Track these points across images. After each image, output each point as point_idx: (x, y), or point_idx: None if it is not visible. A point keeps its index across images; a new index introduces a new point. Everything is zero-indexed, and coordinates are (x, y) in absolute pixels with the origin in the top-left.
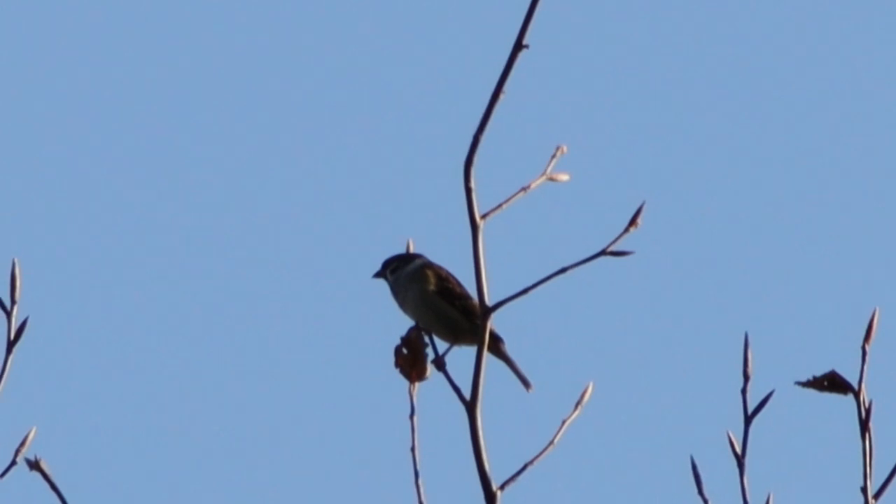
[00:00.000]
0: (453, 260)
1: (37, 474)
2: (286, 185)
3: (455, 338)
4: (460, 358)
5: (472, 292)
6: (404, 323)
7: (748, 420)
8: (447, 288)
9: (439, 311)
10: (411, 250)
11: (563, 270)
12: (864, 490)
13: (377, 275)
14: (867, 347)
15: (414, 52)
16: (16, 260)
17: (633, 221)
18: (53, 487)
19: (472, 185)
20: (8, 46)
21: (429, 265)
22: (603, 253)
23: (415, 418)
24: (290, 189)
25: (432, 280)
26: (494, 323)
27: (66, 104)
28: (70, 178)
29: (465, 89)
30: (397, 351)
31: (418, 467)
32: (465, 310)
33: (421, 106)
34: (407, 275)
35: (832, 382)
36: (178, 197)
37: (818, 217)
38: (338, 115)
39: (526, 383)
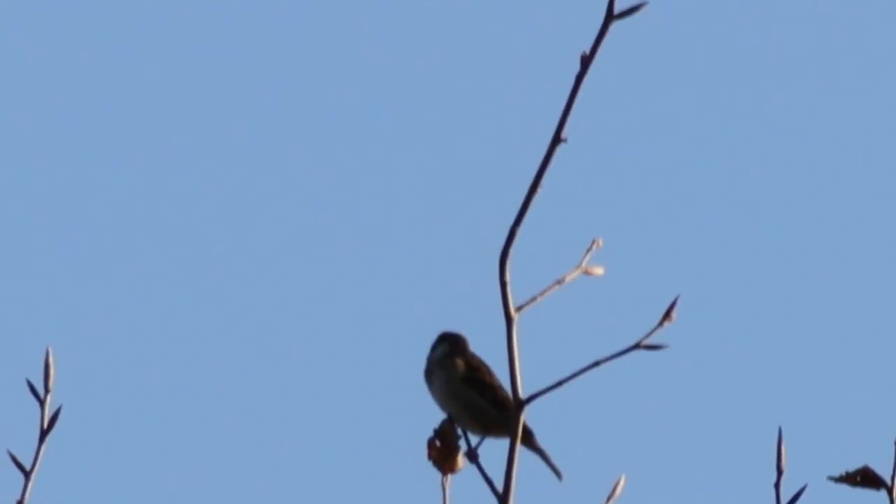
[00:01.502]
0: (487, 352)
1: None
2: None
3: (484, 429)
4: (493, 450)
5: (505, 384)
6: (438, 413)
7: None
8: (475, 377)
9: (466, 400)
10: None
11: (596, 364)
12: None
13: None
14: None
15: (453, 142)
16: (49, 348)
17: (667, 315)
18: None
19: (508, 278)
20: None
21: (460, 352)
22: (637, 346)
23: None
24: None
25: (460, 368)
26: (527, 415)
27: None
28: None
29: (502, 181)
30: (430, 443)
31: None
32: (495, 401)
33: (457, 197)
34: (434, 360)
35: (865, 477)
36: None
37: (848, 311)
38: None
39: (558, 474)
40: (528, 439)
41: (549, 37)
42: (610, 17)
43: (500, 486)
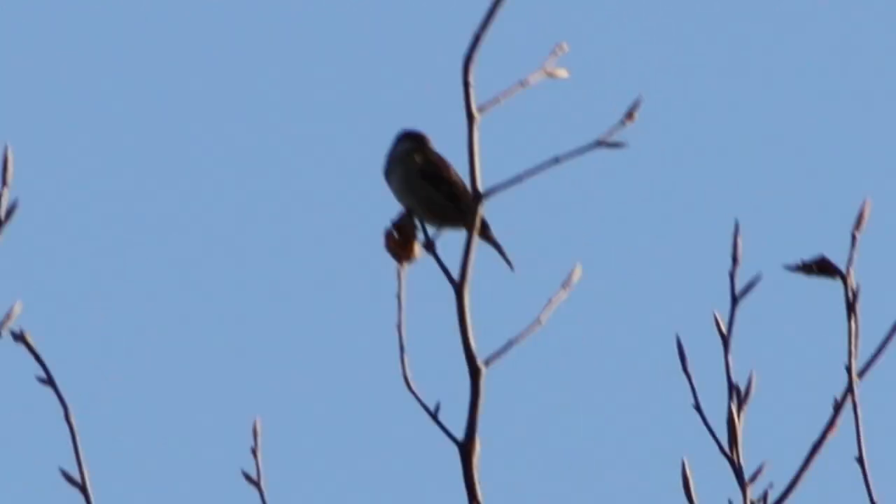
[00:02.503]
0: (451, 153)
1: (22, 346)
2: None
3: (441, 222)
4: (450, 242)
5: (466, 182)
6: (396, 205)
7: (735, 301)
8: (432, 172)
9: (423, 194)
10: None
11: (556, 160)
12: (848, 368)
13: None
14: (857, 234)
15: None
16: (8, 144)
17: (629, 115)
18: (38, 359)
19: (471, 79)
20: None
21: (418, 149)
22: (597, 144)
23: (402, 296)
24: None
25: (417, 163)
26: (487, 210)
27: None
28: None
29: None
30: (387, 234)
31: (404, 343)
32: (451, 195)
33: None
34: (395, 156)
35: (821, 267)
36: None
37: (810, 104)
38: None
39: (510, 264)
40: (484, 231)
41: None
42: None
43: (456, 276)
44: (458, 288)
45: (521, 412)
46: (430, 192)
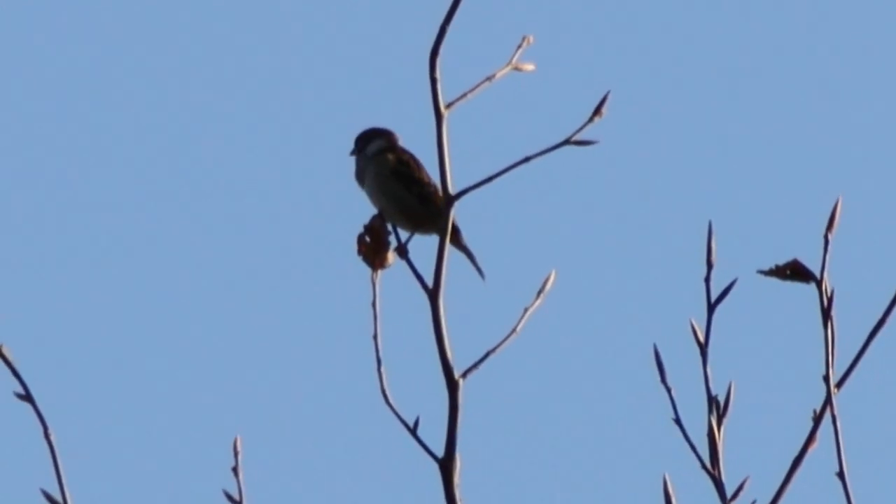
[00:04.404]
0: (418, 150)
1: None
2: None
3: (413, 224)
4: (423, 247)
5: (437, 181)
6: (369, 209)
7: (711, 308)
8: (404, 172)
9: (394, 195)
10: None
11: (526, 159)
12: (825, 379)
13: (353, 152)
14: (830, 236)
15: None
16: None
17: (597, 111)
18: (14, 373)
19: (438, 75)
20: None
21: (390, 148)
22: (567, 142)
23: (377, 306)
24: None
25: (390, 163)
26: (457, 215)
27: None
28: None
29: None
30: (360, 239)
31: (380, 355)
32: (422, 196)
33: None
34: (367, 156)
35: (795, 271)
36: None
37: (781, 104)
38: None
39: (481, 273)
40: (455, 237)
41: None
42: None
43: (429, 282)
44: (433, 295)
45: (499, 424)
46: (402, 193)
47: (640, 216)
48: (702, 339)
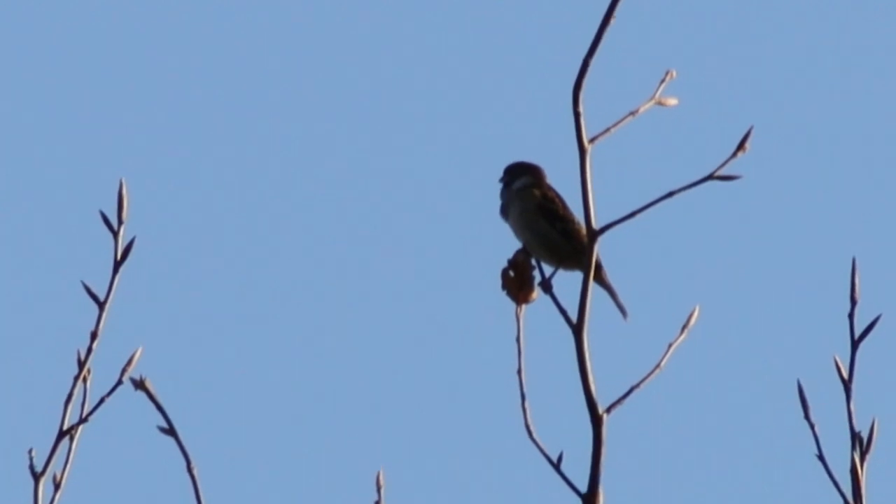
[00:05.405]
0: (561, 185)
1: (142, 394)
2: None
3: (557, 260)
4: (567, 282)
5: (580, 217)
6: (513, 242)
7: (855, 345)
8: (549, 208)
9: (539, 231)
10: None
11: (670, 194)
12: None
13: (501, 180)
14: None
15: None
16: (123, 180)
17: (741, 146)
18: (158, 407)
19: (581, 109)
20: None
21: (537, 184)
22: (710, 177)
23: (521, 340)
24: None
25: (536, 198)
26: (600, 250)
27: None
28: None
29: (576, 14)
30: (504, 273)
31: (524, 390)
32: (566, 232)
33: (533, 29)
34: (514, 191)
35: None
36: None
37: None
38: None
39: (624, 312)
40: (598, 274)
41: None
42: None
43: (573, 317)
44: (577, 330)
45: (642, 459)
46: (546, 229)
47: (783, 251)
48: (845, 374)
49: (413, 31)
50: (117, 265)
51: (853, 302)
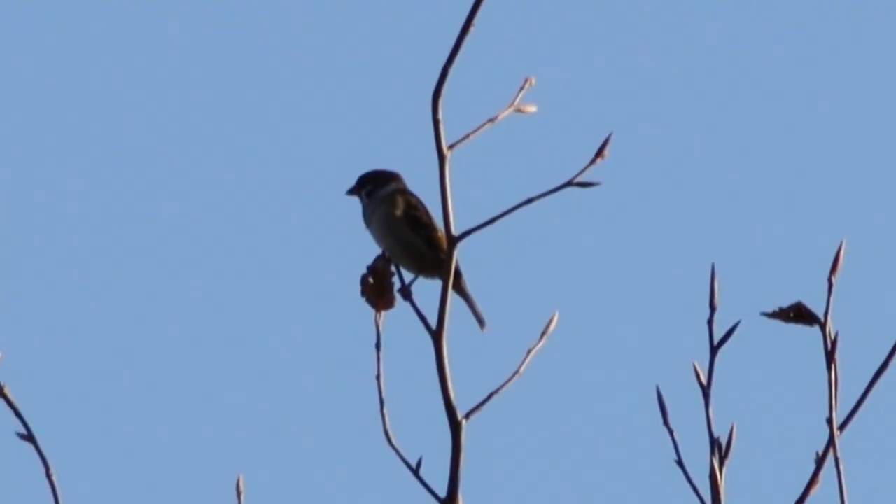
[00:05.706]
0: (420, 191)
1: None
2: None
3: (419, 268)
4: (427, 289)
5: (439, 222)
6: (372, 250)
7: (714, 351)
8: (414, 216)
9: (403, 237)
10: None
11: (529, 201)
12: (829, 421)
13: (351, 191)
14: (833, 279)
15: None
16: None
17: (599, 152)
18: (17, 413)
19: (440, 116)
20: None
21: (402, 191)
22: (569, 184)
23: (381, 347)
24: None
25: (401, 205)
26: (459, 257)
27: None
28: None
29: (435, 21)
30: (364, 280)
31: (384, 395)
32: (429, 240)
33: (390, 35)
34: (379, 197)
35: (798, 314)
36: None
37: (783, 147)
38: (312, 43)
39: (481, 322)
40: (457, 282)
41: None
42: None
43: (433, 324)
44: (437, 337)
45: (502, 465)
46: (411, 237)
47: (642, 258)
48: (704, 381)
49: (269, 34)
50: None
51: (712, 308)
